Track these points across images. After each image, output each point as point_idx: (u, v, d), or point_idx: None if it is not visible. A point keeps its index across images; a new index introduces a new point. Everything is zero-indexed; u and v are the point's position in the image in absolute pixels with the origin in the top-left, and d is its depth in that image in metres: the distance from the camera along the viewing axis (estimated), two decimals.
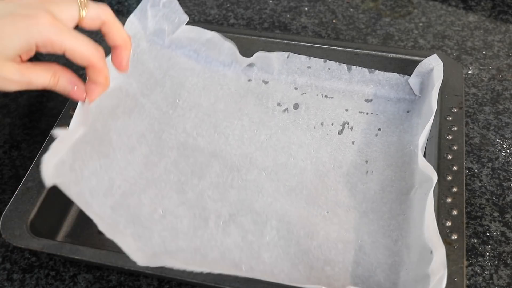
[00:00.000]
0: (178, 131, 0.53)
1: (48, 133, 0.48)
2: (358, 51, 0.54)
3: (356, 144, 0.51)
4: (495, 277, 0.44)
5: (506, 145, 0.53)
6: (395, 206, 0.46)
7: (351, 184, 0.48)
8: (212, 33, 0.56)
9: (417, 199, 0.44)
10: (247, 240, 0.45)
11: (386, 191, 0.48)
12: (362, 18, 0.67)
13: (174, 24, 0.57)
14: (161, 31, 0.57)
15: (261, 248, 0.44)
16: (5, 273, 0.45)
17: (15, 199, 0.43)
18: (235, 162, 0.50)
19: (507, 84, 0.58)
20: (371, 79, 0.55)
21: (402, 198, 0.47)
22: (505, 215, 0.48)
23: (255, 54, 0.56)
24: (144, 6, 0.55)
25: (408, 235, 0.44)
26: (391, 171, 0.49)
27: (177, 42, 0.57)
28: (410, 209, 0.45)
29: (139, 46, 0.56)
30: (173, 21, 0.57)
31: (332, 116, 0.54)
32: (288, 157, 0.51)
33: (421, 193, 0.44)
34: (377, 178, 0.49)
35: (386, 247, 0.44)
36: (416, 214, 0.43)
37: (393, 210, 0.46)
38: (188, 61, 0.57)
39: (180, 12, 0.56)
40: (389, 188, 0.48)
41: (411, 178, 0.48)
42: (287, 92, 0.56)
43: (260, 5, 0.69)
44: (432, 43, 0.63)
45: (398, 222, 0.45)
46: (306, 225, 0.45)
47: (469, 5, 0.68)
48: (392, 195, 0.47)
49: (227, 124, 0.53)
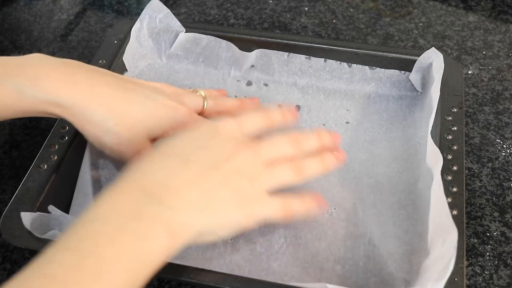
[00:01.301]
0: None
1: (48, 133, 0.48)
2: (358, 51, 0.54)
3: (360, 142, 0.51)
4: (495, 277, 0.44)
5: (506, 145, 0.53)
6: (404, 196, 0.46)
7: (357, 179, 0.48)
8: (208, 37, 0.56)
9: (426, 188, 0.44)
10: (256, 252, 0.44)
11: (393, 182, 0.47)
12: (362, 18, 0.67)
13: (171, 38, 0.57)
14: (158, 48, 0.57)
15: (270, 258, 0.44)
16: (5, 273, 0.45)
17: (15, 199, 0.43)
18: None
19: (507, 84, 0.58)
20: (372, 77, 0.55)
21: (410, 188, 0.47)
22: (505, 215, 0.48)
23: (255, 51, 0.56)
24: (141, 24, 0.56)
25: (418, 223, 0.44)
26: (397, 163, 0.49)
27: (175, 58, 0.58)
28: (420, 198, 0.45)
29: (138, 67, 0.57)
30: (169, 36, 0.57)
31: (334, 117, 0.54)
32: None
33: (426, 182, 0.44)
34: (383, 171, 0.49)
35: (396, 237, 0.44)
36: (426, 202, 0.43)
37: (402, 201, 0.46)
38: (187, 75, 0.58)
39: (177, 25, 0.57)
40: (396, 179, 0.48)
41: (418, 168, 0.47)
42: (288, 94, 0.56)
43: (260, 5, 0.69)
44: (432, 43, 0.63)
45: (407, 211, 0.45)
46: (313, 227, 0.45)
47: (469, 5, 0.68)
48: (400, 186, 0.47)
49: None
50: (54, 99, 0.41)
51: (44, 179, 0.45)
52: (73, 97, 0.41)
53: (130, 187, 0.36)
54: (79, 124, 0.43)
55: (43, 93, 0.41)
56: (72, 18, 0.69)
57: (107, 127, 0.42)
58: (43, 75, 0.41)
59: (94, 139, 0.44)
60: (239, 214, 0.38)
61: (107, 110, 0.42)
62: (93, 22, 0.68)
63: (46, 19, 0.69)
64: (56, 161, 0.46)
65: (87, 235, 0.32)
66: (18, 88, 0.40)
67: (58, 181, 0.46)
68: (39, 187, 0.44)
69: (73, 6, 0.70)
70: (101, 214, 0.34)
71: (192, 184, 0.37)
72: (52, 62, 0.42)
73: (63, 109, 0.42)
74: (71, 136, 0.48)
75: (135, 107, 0.43)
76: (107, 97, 0.42)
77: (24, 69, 0.41)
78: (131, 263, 0.32)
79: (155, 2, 0.56)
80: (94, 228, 0.33)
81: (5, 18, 0.69)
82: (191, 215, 0.36)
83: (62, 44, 0.65)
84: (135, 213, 0.34)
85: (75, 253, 0.31)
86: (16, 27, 0.68)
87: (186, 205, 0.36)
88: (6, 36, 0.67)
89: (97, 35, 0.67)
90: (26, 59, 0.42)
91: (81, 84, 0.42)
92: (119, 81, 0.44)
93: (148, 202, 0.35)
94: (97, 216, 0.34)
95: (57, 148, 0.47)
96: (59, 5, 0.70)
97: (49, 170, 0.45)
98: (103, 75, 0.44)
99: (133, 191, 0.35)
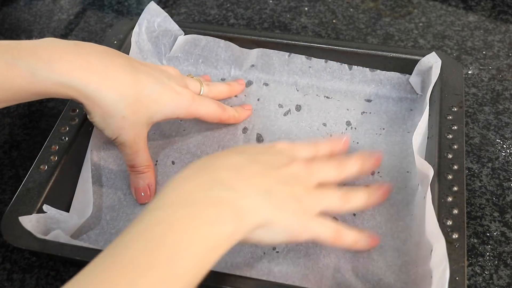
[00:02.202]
0: (182, 153, 0.52)
1: (48, 133, 0.48)
2: (358, 51, 0.54)
3: (360, 144, 0.51)
4: (495, 277, 0.44)
5: (506, 145, 0.53)
6: (403, 207, 0.46)
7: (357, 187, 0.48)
8: (206, 38, 0.56)
9: (421, 198, 0.44)
10: (257, 256, 0.44)
11: (392, 192, 0.47)
12: (362, 18, 0.67)
13: (170, 42, 0.57)
14: (158, 52, 0.57)
15: (271, 262, 0.44)
16: (5, 273, 0.45)
17: (15, 200, 0.43)
18: None
19: (507, 84, 0.58)
20: (373, 79, 0.55)
21: (409, 199, 0.47)
22: (505, 215, 0.48)
23: (255, 50, 0.56)
24: (140, 29, 0.56)
25: (416, 233, 0.44)
26: (396, 172, 0.49)
27: (175, 60, 0.58)
28: (417, 208, 0.45)
29: None
30: (168, 39, 0.57)
31: (335, 117, 0.54)
32: None
33: (422, 191, 0.44)
34: (383, 179, 0.49)
35: (395, 249, 0.44)
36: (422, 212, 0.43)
37: (401, 212, 0.46)
38: None
39: (175, 29, 0.57)
40: (396, 189, 0.48)
41: (416, 177, 0.47)
42: (288, 94, 0.56)
43: (260, 5, 0.69)
44: (432, 43, 0.63)
45: (406, 222, 0.45)
46: None
47: (469, 5, 0.68)
48: (399, 196, 0.47)
49: (230, 137, 0.53)
50: (67, 81, 0.41)
51: (44, 180, 0.45)
52: (86, 79, 0.42)
53: (198, 173, 0.37)
54: (89, 105, 0.43)
55: (56, 74, 0.41)
56: (72, 18, 0.69)
57: (116, 110, 0.43)
58: (56, 57, 0.41)
59: (100, 120, 0.44)
60: (295, 220, 0.39)
61: (118, 94, 0.43)
62: (93, 22, 0.68)
63: (46, 19, 0.69)
64: (56, 162, 0.46)
65: (156, 222, 0.33)
66: (31, 69, 0.40)
67: (59, 182, 0.46)
68: (40, 188, 0.44)
69: (73, 6, 0.70)
70: (168, 201, 0.35)
71: (259, 176, 0.38)
72: (65, 44, 0.43)
73: (75, 90, 0.42)
74: (72, 136, 0.48)
75: (145, 92, 0.44)
76: (119, 81, 0.43)
77: (36, 51, 0.41)
78: (201, 248, 0.33)
79: (153, 6, 0.56)
80: (161, 215, 0.34)
81: (5, 18, 0.69)
82: (258, 202, 0.37)
83: None
84: (202, 197, 0.35)
85: (146, 241, 0.32)
86: (16, 27, 0.68)
87: (253, 191, 0.37)
88: (6, 36, 0.67)
89: (97, 35, 0.67)
90: (39, 42, 0.42)
91: (94, 67, 0.42)
92: (131, 63, 0.45)
93: (215, 187, 0.36)
94: (164, 203, 0.35)
95: (58, 148, 0.47)
96: (59, 5, 0.70)
97: (49, 171, 0.45)
98: (115, 57, 0.44)
99: (201, 177, 0.37)
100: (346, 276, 0.42)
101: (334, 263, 0.43)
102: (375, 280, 0.42)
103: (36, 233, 0.41)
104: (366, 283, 0.42)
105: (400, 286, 0.42)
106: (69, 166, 0.47)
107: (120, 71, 0.43)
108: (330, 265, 0.43)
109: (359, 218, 0.46)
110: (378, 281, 0.42)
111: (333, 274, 0.43)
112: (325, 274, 0.43)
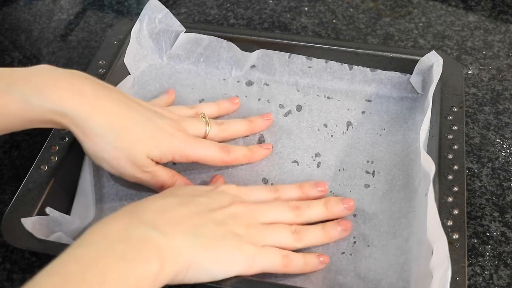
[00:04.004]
0: None
1: (48, 133, 0.48)
2: (358, 51, 0.54)
3: (361, 144, 0.51)
4: (495, 277, 0.44)
5: (506, 145, 0.53)
6: (404, 204, 0.46)
7: (358, 187, 0.48)
8: (209, 37, 0.56)
9: (423, 194, 0.44)
10: None
11: (394, 190, 0.47)
12: (362, 18, 0.67)
13: (171, 38, 0.57)
14: (159, 49, 0.57)
15: None
16: (5, 273, 0.45)
17: (16, 201, 0.43)
18: (241, 177, 0.49)
19: (507, 84, 0.58)
20: (373, 79, 0.55)
21: (411, 196, 0.47)
22: (505, 215, 0.48)
23: (256, 51, 0.56)
24: (141, 25, 0.56)
25: (417, 231, 0.44)
26: (398, 170, 0.49)
27: (175, 57, 0.58)
28: (419, 205, 0.45)
29: (139, 68, 0.57)
30: (170, 36, 0.57)
31: (336, 117, 0.54)
32: (294, 164, 0.50)
33: (424, 188, 0.44)
34: (384, 178, 0.49)
35: (397, 247, 0.44)
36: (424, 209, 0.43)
37: (403, 209, 0.46)
38: (188, 76, 0.58)
39: (177, 25, 0.57)
40: (397, 187, 0.48)
41: (418, 175, 0.47)
42: (289, 94, 0.56)
43: (260, 5, 0.69)
44: (432, 43, 0.63)
45: (408, 220, 0.45)
46: None
47: (469, 5, 0.68)
48: (400, 193, 0.47)
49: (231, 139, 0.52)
50: (59, 108, 0.41)
51: (44, 180, 0.45)
52: (77, 108, 0.41)
53: (124, 215, 0.37)
54: (80, 135, 0.43)
55: (48, 101, 0.41)
56: (72, 18, 0.69)
57: (106, 141, 0.42)
58: (50, 84, 0.41)
59: (93, 152, 0.44)
60: (237, 254, 0.39)
61: (108, 124, 0.42)
62: (93, 22, 0.68)
63: (46, 19, 0.69)
64: (57, 163, 0.46)
65: (73, 259, 0.33)
66: (24, 97, 0.40)
67: (59, 183, 0.46)
68: (40, 188, 0.44)
69: (73, 6, 0.70)
70: (90, 239, 0.35)
71: (187, 219, 0.38)
72: (59, 73, 0.42)
73: (67, 119, 0.42)
74: (72, 137, 0.48)
75: (136, 127, 0.44)
76: (110, 112, 0.43)
77: (31, 79, 0.41)
78: (119, 285, 0.32)
79: (154, 2, 0.56)
80: (81, 252, 0.34)
81: (5, 18, 0.69)
82: (183, 242, 0.37)
83: (62, 44, 0.65)
84: (124, 236, 0.35)
85: (59, 277, 0.31)
86: (16, 27, 0.68)
87: (178, 233, 0.37)
88: (6, 36, 0.67)
89: (97, 35, 0.67)
90: (33, 69, 0.42)
91: (86, 96, 0.42)
92: (124, 99, 0.44)
93: (139, 226, 0.36)
94: (86, 241, 0.35)
95: (58, 149, 0.47)
96: (59, 5, 0.70)
97: (49, 172, 0.45)
98: (109, 90, 0.44)
99: (126, 218, 0.37)
100: (348, 278, 0.42)
101: (335, 266, 0.43)
102: (377, 280, 0.42)
103: (38, 235, 0.41)
104: (368, 283, 0.42)
105: (402, 285, 0.42)
106: (69, 167, 0.47)
107: (112, 104, 0.43)
108: (331, 267, 0.43)
109: (361, 217, 0.46)
110: (380, 280, 0.42)
111: (334, 276, 0.42)
112: (326, 276, 0.43)
